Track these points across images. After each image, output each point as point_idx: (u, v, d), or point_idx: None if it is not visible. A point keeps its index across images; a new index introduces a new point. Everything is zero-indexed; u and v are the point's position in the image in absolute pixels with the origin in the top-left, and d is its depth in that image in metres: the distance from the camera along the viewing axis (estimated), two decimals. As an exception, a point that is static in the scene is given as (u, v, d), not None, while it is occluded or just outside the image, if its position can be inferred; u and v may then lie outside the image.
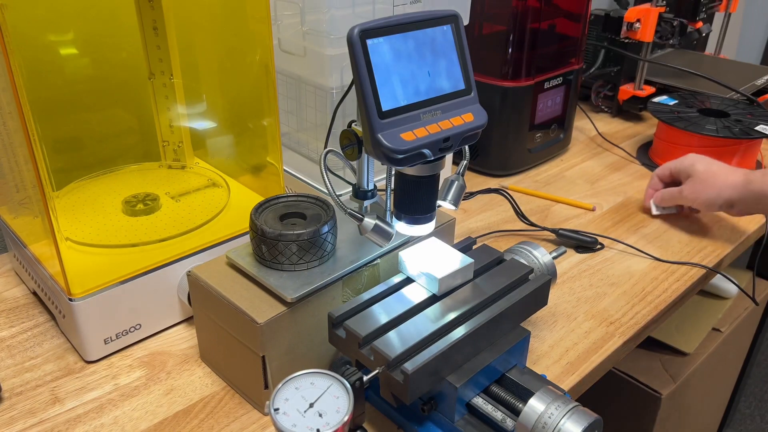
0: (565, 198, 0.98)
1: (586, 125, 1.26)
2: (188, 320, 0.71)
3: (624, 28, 1.20)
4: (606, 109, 1.33)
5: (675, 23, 1.23)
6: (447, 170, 0.99)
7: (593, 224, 0.92)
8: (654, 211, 0.94)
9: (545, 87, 1.03)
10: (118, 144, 0.83)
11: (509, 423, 0.52)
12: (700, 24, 1.28)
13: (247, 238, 0.62)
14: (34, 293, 0.74)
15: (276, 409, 0.46)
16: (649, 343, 1.12)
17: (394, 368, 0.50)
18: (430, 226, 0.59)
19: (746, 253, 1.02)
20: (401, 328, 0.54)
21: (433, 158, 0.53)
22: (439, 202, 0.62)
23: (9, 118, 0.60)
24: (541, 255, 0.67)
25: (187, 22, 0.78)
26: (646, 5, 1.18)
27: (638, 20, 1.18)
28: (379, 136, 0.49)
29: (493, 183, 1.03)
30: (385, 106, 0.49)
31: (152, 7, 0.73)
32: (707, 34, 1.37)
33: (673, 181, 0.92)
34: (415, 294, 0.58)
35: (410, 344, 0.51)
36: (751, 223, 0.93)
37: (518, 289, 0.59)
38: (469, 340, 0.53)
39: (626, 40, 1.23)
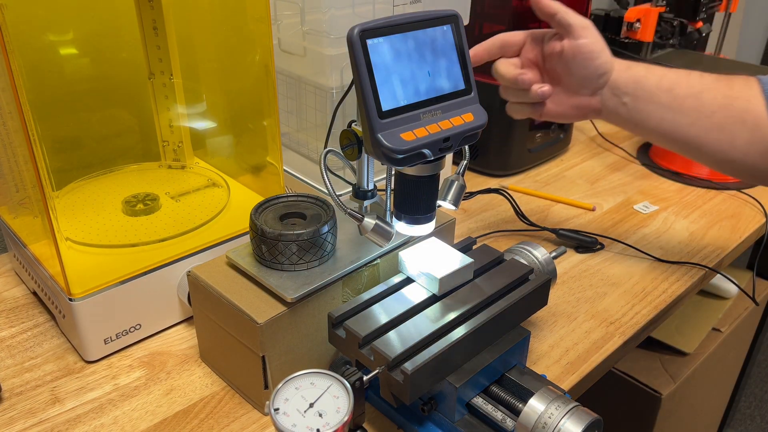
0: (565, 198, 0.98)
1: (586, 125, 1.26)
2: (188, 320, 0.71)
3: (624, 28, 1.20)
4: (606, 109, 1.33)
5: (675, 23, 1.23)
6: (447, 170, 0.99)
7: (593, 224, 0.92)
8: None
9: (545, 87, 1.03)
10: (118, 144, 0.83)
11: (509, 423, 0.52)
12: (700, 24, 1.28)
13: (247, 238, 0.62)
14: (34, 293, 0.74)
15: (276, 409, 0.46)
16: (649, 343, 1.12)
17: (394, 368, 0.50)
18: (430, 226, 0.59)
19: (746, 253, 1.02)
20: (401, 328, 0.54)
21: (433, 158, 0.53)
22: (439, 202, 0.62)
23: (9, 118, 0.61)
24: (541, 255, 0.67)
25: (187, 22, 0.78)
26: (646, 5, 1.18)
27: (638, 20, 1.18)
28: (379, 136, 0.49)
29: (493, 183, 1.03)
30: (385, 106, 0.49)
31: (152, 7, 0.73)
32: (707, 34, 1.37)
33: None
34: (415, 294, 0.58)
35: (410, 344, 0.51)
36: (751, 223, 0.93)
37: (518, 289, 0.59)
38: (469, 340, 0.53)
39: (626, 40, 1.23)
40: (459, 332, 0.53)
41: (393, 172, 0.58)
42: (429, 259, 0.59)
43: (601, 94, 0.68)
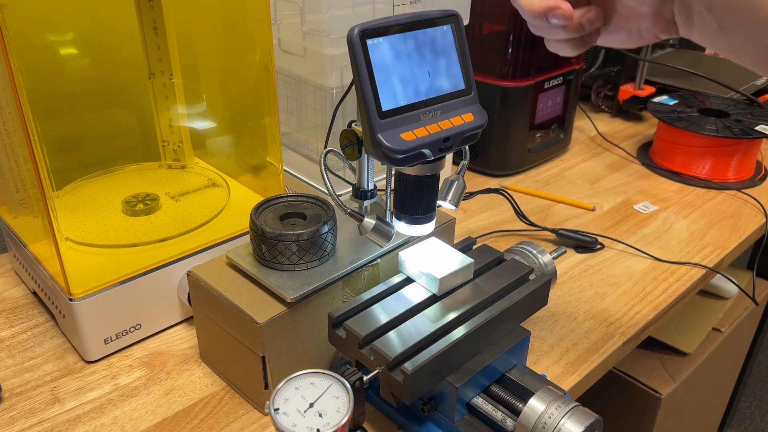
0: (565, 198, 0.98)
1: (586, 125, 1.26)
2: (188, 320, 0.71)
3: (624, 28, 1.20)
4: (606, 109, 1.33)
5: (675, 23, 1.23)
6: (447, 170, 0.99)
7: (593, 224, 0.92)
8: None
9: (545, 87, 1.03)
10: (118, 144, 0.83)
11: (509, 423, 0.52)
12: (700, 24, 1.28)
13: (247, 238, 0.62)
14: (34, 293, 0.74)
15: (276, 409, 0.46)
16: (649, 343, 1.12)
17: (394, 368, 0.50)
18: (430, 226, 0.59)
19: (746, 253, 1.02)
20: (401, 328, 0.54)
21: (433, 158, 0.53)
22: (439, 202, 0.62)
23: (9, 118, 0.61)
24: (541, 255, 0.67)
25: (187, 22, 0.78)
26: (646, 5, 1.17)
27: (638, 20, 1.18)
28: (379, 136, 0.49)
29: (493, 183, 1.03)
30: (385, 106, 0.49)
31: (152, 7, 0.74)
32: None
33: None
34: (415, 294, 0.58)
35: (410, 344, 0.51)
36: (751, 223, 0.93)
37: (518, 289, 0.59)
38: (469, 340, 0.53)
39: (626, 40, 1.23)
40: (459, 332, 0.53)
41: (393, 172, 0.58)
42: (429, 259, 0.59)
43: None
